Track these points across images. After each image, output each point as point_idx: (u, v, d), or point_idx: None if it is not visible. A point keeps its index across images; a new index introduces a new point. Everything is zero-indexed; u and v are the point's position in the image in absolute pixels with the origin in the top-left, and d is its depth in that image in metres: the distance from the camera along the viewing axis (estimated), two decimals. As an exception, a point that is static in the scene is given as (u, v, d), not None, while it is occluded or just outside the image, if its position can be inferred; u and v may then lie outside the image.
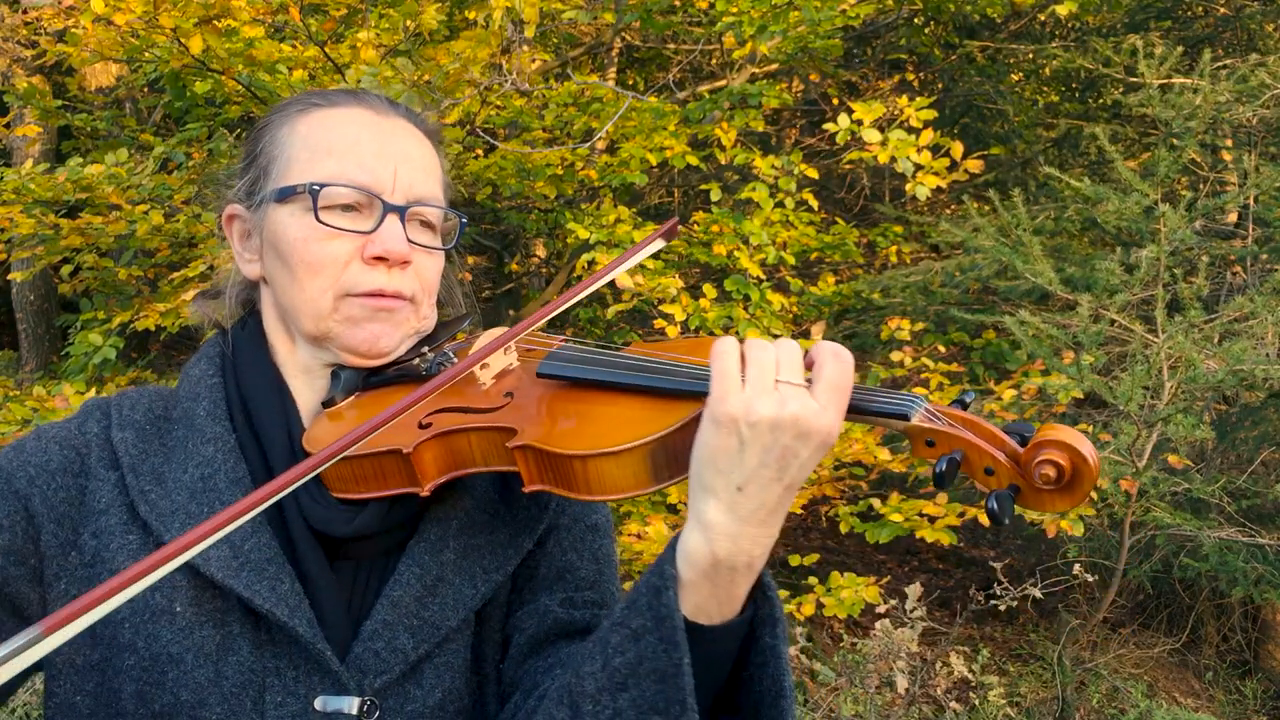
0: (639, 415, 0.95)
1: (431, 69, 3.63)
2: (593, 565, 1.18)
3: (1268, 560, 4.84)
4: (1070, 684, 5.23)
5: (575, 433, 0.96)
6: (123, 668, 1.00)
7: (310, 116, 1.13)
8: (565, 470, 0.95)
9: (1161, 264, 4.56)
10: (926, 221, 5.95)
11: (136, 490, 1.05)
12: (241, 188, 1.15)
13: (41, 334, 7.69)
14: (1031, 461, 0.86)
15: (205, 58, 3.66)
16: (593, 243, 4.38)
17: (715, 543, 0.88)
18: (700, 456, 0.89)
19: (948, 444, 0.89)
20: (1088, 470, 0.85)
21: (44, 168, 4.16)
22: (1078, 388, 4.29)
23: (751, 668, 0.96)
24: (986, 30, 7.56)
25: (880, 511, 4.10)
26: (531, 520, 1.15)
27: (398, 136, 1.13)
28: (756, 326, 4.26)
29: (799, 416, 0.86)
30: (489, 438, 1.01)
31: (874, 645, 4.46)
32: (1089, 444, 0.86)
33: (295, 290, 1.09)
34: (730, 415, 0.86)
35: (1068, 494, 0.86)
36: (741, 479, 0.87)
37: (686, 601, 0.91)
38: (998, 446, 0.88)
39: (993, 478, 0.88)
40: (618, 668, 0.91)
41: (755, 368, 0.88)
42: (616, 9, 5.34)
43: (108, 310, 4.47)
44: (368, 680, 1.03)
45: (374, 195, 1.08)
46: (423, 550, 1.08)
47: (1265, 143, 5.73)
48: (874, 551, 6.93)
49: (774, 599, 0.96)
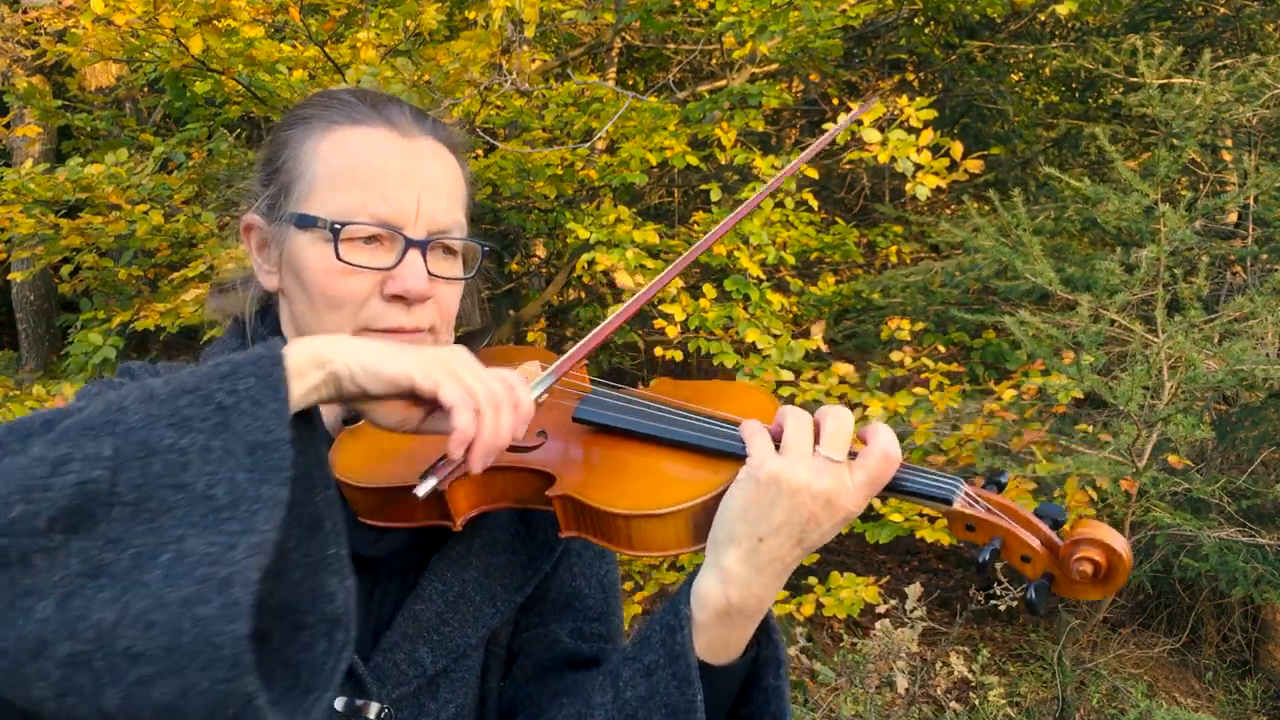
0: (682, 474, 0.97)
1: (431, 69, 3.63)
2: (600, 594, 1.20)
3: (1268, 560, 4.84)
4: (1070, 684, 5.23)
5: (616, 487, 0.97)
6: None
7: (333, 135, 1.10)
8: (606, 526, 0.96)
9: (1161, 264, 4.56)
10: (926, 221, 5.95)
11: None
12: (262, 201, 1.13)
13: (41, 334, 7.68)
14: (1069, 558, 0.90)
15: (205, 58, 3.66)
16: (593, 243, 4.37)
17: (730, 589, 0.92)
18: (731, 507, 0.93)
19: (988, 531, 0.93)
20: (1122, 566, 0.89)
21: (44, 168, 4.16)
22: (1078, 388, 4.29)
23: (752, 705, 1.00)
24: (986, 30, 7.55)
25: (880, 511, 4.10)
26: (550, 544, 1.16)
27: (423, 162, 1.10)
28: (756, 326, 4.25)
29: (831, 491, 0.91)
30: (525, 479, 1.01)
31: (874, 645, 4.46)
32: (1122, 540, 0.90)
33: (314, 319, 1.08)
34: (771, 474, 0.90)
35: (1102, 586, 0.91)
36: (766, 531, 0.91)
37: (697, 641, 0.94)
38: (1034, 534, 0.92)
39: (1029, 565, 0.93)
40: (629, 700, 0.94)
41: (796, 435, 0.92)
42: (616, 9, 5.34)
43: (108, 310, 4.47)
44: (385, 690, 1.03)
45: (396, 230, 1.06)
46: (445, 567, 1.08)
47: (1265, 143, 5.73)
48: (874, 551, 6.92)
49: (778, 641, 1.00)
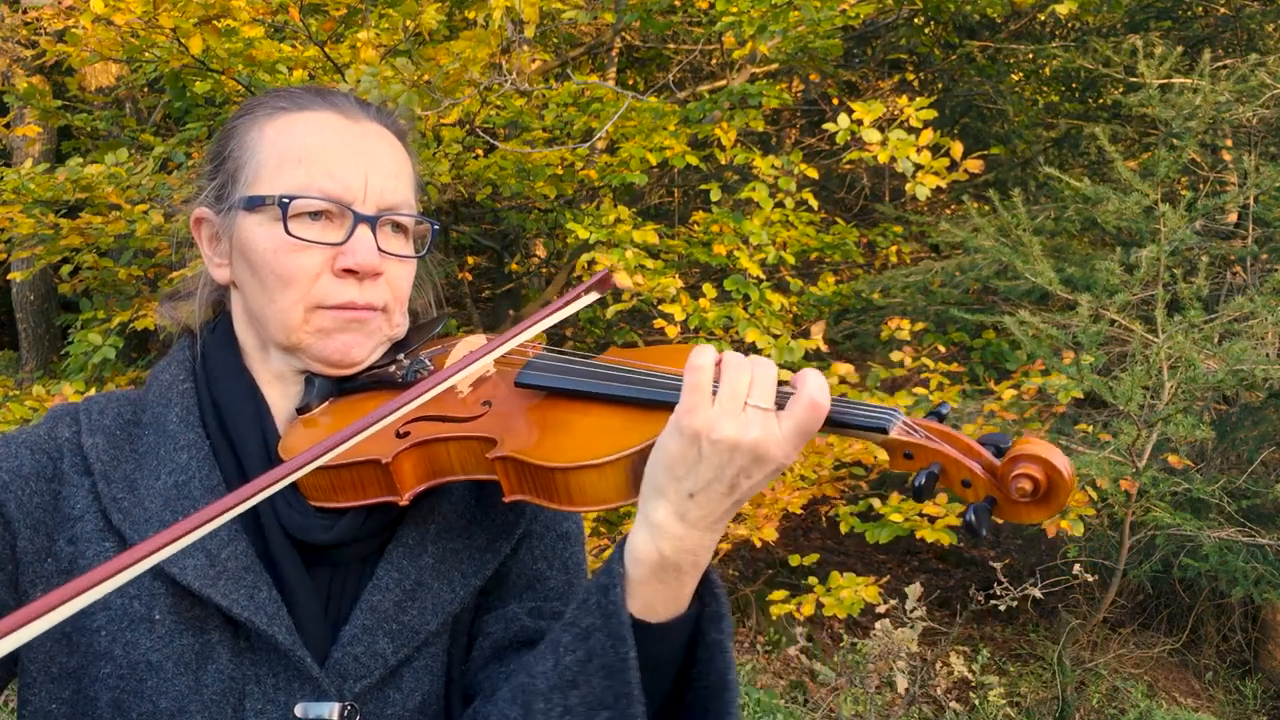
0: (618, 426, 0.96)
1: (431, 69, 3.63)
2: (563, 575, 1.19)
3: (1268, 560, 4.84)
4: (1070, 684, 5.23)
5: (556, 444, 0.97)
6: (99, 675, 0.99)
7: (278, 121, 1.10)
8: (546, 482, 0.96)
9: (1161, 264, 4.56)
10: (926, 221, 5.95)
11: (109, 498, 1.03)
12: (210, 191, 1.13)
13: (41, 334, 7.68)
14: (1008, 475, 0.87)
15: (205, 58, 3.66)
16: (592, 243, 4.37)
17: (661, 542, 0.91)
18: (658, 460, 0.91)
19: (925, 457, 0.90)
20: (1063, 483, 0.86)
21: (44, 168, 4.16)
22: (1078, 388, 4.29)
23: (699, 664, 0.98)
24: (986, 30, 7.55)
25: (880, 511, 4.11)
26: (508, 526, 1.15)
27: (368, 141, 1.11)
28: (756, 326, 4.25)
29: (759, 443, 0.88)
30: (468, 447, 1.01)
31: (874, 645, 4.46)
32: (1063, 457, 0.87)
33: (265, 301, 1.07)
34: (694, 429, 0.88)
35: (1043, 506, 0.88)
36: (694, 487, 0.89)
37: (634, 599, 0.93)
38: (974, 459, 0.90)
39: (970, 490, 0.90)
40: (568, 665, 0.93)
41: (728, 388, 0.89)
42: (616, 9, 5.34)
43: (107, 310, 4.48)
44: (347, 685, 1.03)
45: (345, 205, 1.06)
46: (401, 555, 1.07)
47: (1265, 143, 5.73)
48: (874, 551, 6.93)
49: (720, 595, 0.98)
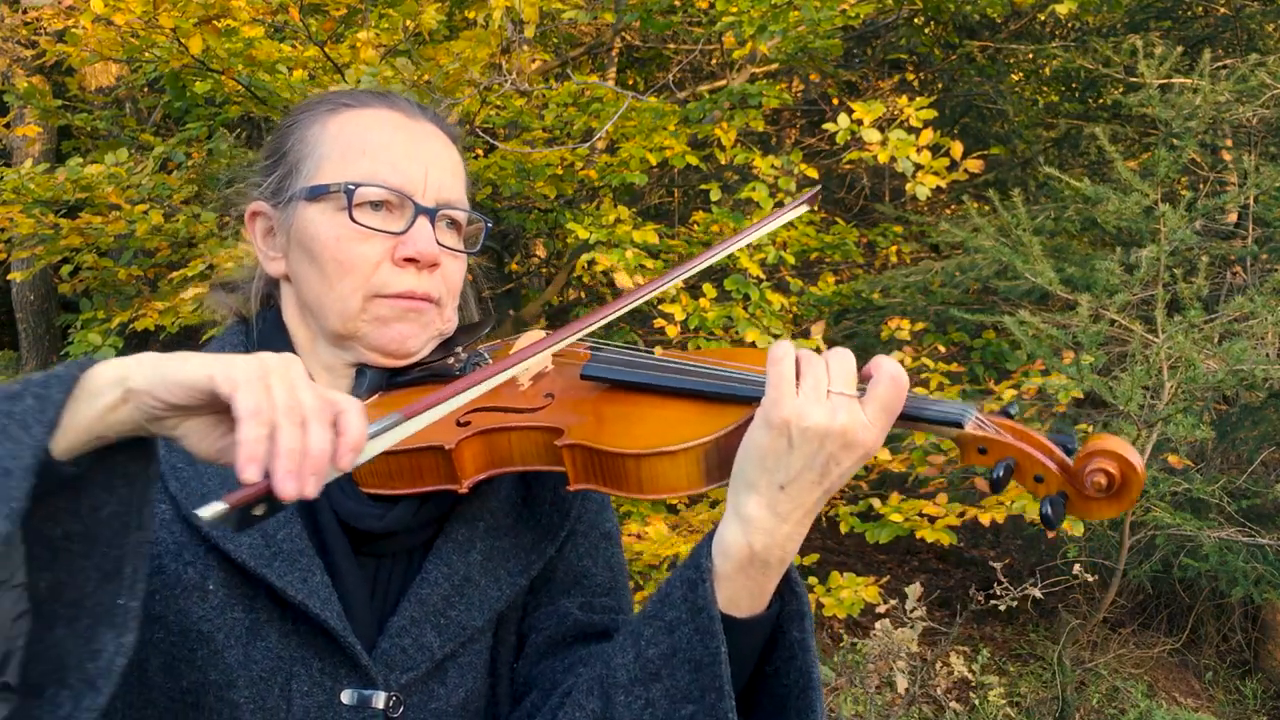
0: (690, 418, 0.98)
1: (431, 69, 3.63)
2: (607, 572, 1.21)
3: (1268, 560, 4.84)
4: (1070, 684, 5.23)
5: (626, 432, 0.98)
6: (150, 639, 0.99)
7: (341, 116, 1.14)
8: (617, 469, 0.97)
9: (1161, 264, 4.55)
10: (926, 221, 5.95)
11: (168, 465, 1.04)
12: (268, 185, 1.16)
13: (41, 334, 7.68)
14: (1084, 470, 0.90)
15: (205, 58, 3.66)
16: (592, 243, 4.37)
17: (753, 536, 0.92)
18: (748, 454, 0.92)
19: (1000, 451, 0.93)
20: (1135, 478, 0.89)
21: (44, 168, 4.15)
22: (1078, 388, 4.29)
23: (777, 661, 0.99)
24: (986, 30, 7.55)
25: (880, 511, 4.10)
26: (554, 526, 1.16)
27: (427, 139, 1.14)
28: (757, 326, 4.25)
29: (848, 428, 0.90)
30: (532, 437, 1.03)
31: (874, 645, 4.46)
32: (1137, 453, 0.90)
33: (324, 289, 1.09)
34: (784, 419, 0.90)
35: (1115, 501, 0.91)
36: (785, 479, 0.90)
37: (720, 593, 0.94)
38: (1047, 455, 0.92)
39: (1041, 485, 0.93)
40: (651, 658, 0.94)
41: (810, 377, 0.91)
42: (616, 9, 5.34)
43: (108, 310, 4.47)
44: (394, 676, 1.03)
45: (406, 196, 1.09)
46: (450, 550, 1.09)
47: (1265, 143, 5.73)
48: (874, 551, 6.92)
49: (801, 594, 0.99)
